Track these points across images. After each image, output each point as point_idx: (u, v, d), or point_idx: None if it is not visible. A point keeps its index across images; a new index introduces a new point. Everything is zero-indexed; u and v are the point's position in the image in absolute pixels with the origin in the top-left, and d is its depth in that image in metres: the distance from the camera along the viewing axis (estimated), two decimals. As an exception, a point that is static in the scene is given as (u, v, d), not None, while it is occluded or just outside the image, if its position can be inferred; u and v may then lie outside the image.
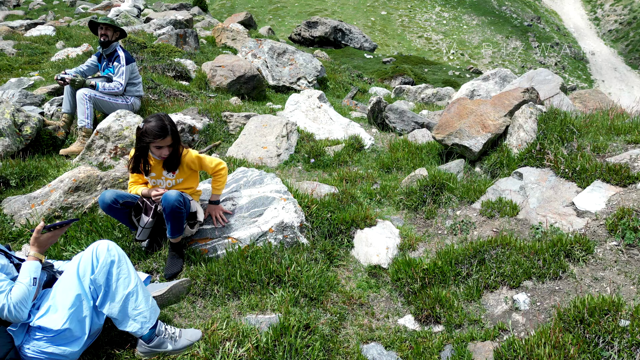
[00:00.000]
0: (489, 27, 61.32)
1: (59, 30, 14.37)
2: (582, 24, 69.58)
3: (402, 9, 65.92)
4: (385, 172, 5.35)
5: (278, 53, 9.38)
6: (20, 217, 4.25)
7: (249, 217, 3.94)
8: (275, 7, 66.05)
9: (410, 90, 10.60)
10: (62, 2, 28.12)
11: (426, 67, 39.30)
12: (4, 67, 10.11)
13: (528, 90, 4.80)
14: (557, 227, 3.52)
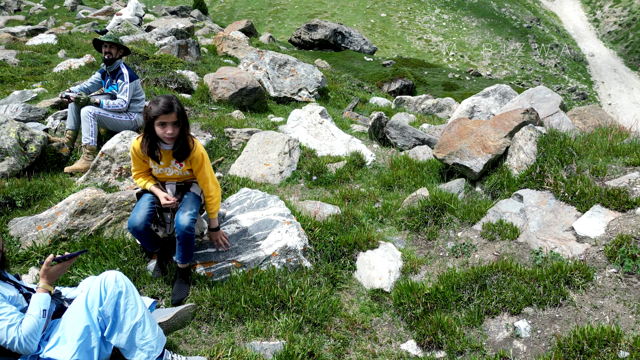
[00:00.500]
0: (489, 29, 61.39)
1: (60, 38, 14.44)
2: (581, 25, 69.64)
3: (401, 11, 66.01)
4: (386, 189, 5.41)
5: (279, 64, 9.44)
6: (27, 239, 4.31)
7: (252, 241, 4.00)
8: (275, 9, 66.18)
9: (411, 101, 10.67)
10: (63, 7, 28.19)
11: (426, 69, 39.37)
12: (7, 78, 10.17)
13: (528, 111, 4.86)
14: (557, 252, 3.57)
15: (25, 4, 30.41)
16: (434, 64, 46.50)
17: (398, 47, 56.24)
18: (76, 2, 27.96)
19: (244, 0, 70.33)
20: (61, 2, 29.79)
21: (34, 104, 8.08)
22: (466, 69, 47.41)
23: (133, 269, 3.98)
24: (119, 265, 3.97)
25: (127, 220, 4.41)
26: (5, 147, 5.43)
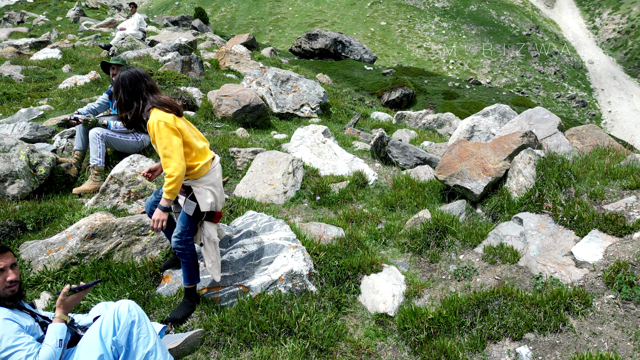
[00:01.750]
0: (488, 37, 61.78)
1: (64, 53, 14.63)
2: (580, 33, 70.02)
3: (401, 19, 66.48)
4: (389, 210, 5.51)
5: (282, 80, 9.59)
6: (38, 264, 4.40)
7: (259, 265, 4.10)
8: (276, 18, 66.66)
9: (412, 116, 10.81)
10: (66, 19, 28.41)
11: (426, 78, 39.59)
12: (14, 95, 10.32)
13: (527, 134, 4.97)
14: (556, 277, 3.67)
15: (28, 15, 30.64)
16: (433, 72, 46.77)
17: (398, 56, 56.58)
18: (79, 13, 28.20)
19: (245, 10, 70.88)
20: (64, 14, 30.03)
21: (40, 122, 8.22)
22: (466, 77, 47.66)
23: (142, 293, 4.08)
24: (129, 289, 4.07)
25: (136, 244, 4.52)
26: (16, 170, 5.54)
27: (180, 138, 3.37)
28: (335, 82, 16.87)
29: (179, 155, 3.30)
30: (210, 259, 3.77)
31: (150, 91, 3.50)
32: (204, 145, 3.63)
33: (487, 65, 55.85)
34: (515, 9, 71.57)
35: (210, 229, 3.71)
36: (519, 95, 40.48)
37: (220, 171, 3.76)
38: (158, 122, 3.29)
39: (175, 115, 3.45)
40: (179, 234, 3.67)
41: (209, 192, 3.58)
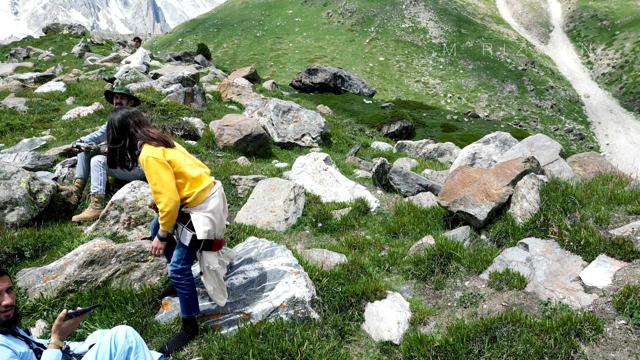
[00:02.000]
0: (485, 72, 62.98)
1: (69, 85, 14.84)
2: (575, 68, 71.44)
3: (399, 54, 67.97)
4: (392, 237, 5.45)
5: (283, 111, 9.69)
6: (34, 291, 4.31)
7: (260, 292, 4.01)
8: (277, 54, 68.14)
9: (412, 146, 10.87)
10: (71, 54, 28.97)
11: (424, 111, 40.14)
12: (17, 126, 10.40)
13: (529, 159, 4.98)
14: (565, 303, 3.58)
15: (34, 51, 31.26)
16: (432, 105, 47.45)
17: (396, 90, 57.50)
18: (84, 49, 28.78)
19: (247, 46, 72.57)
20: (69, 50, 30.65)
21: (42, 152, 8.23)
22: (464, 110, 48.33)
23: (140, 321, 3.97)
24: (127, 317, 3.97)
25: (135, 270, 4.44)
26: (16, 197, 5.51)
27: (171, 171, 3.39)
28: (335, 114, 17.07)
29: (169, 189, 3.33)
30: (212, 287, 3.70)
31: (138, 125, 3.56)
32: (200, 172, 3.58)
33: (484, 99, 56.69)
34: (511, 45, 73.26)
35: (210, 257, 3.63)
36: (517, 128, 40.92)
37: (220, 197, 3.67)
38: (147, 158, 3.33)
39: (164, 147, 3.47)
40: (174, 262, 3.61)
41: (207, 220, 3.51)
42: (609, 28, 75.10)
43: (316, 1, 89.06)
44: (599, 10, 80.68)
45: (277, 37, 75.33)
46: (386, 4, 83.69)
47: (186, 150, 3.76)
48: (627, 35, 69.55)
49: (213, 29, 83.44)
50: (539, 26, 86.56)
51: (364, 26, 77.62)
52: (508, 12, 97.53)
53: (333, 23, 79.75)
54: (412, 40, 72.98)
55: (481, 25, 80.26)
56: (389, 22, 78.41)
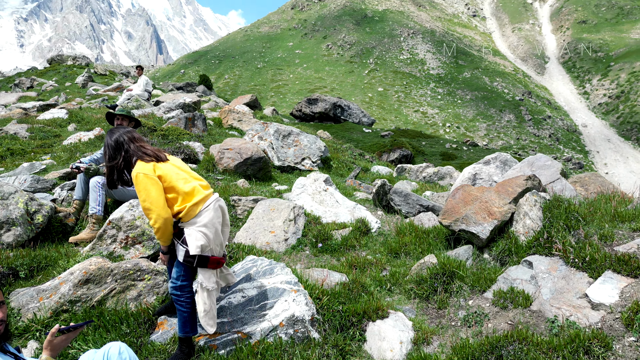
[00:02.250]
0: (483, 102, 63.78)
1: (71, 113, 14.95)
2: (571, 98, 72.41)
3: (397, 85, 69.02)
4: (393, 257, 5.37)
5: (283, 135, 9.73)
6: (28, 311, 4.21)
7: (259, 310, 3.91)
8: (277, 85, 69.18)
9: (412, 170, 10.88)
10: (74, 84, 29.35)
11: (423, 140, 40.42)
12: (18, 151, 10.42)
13: (530, 177, 4.95)
14: (573, 320, 3.48)
15: (38, 81, 31.66)
16: (431, 134, 47.84)
17: (395, 119, 58.09)
18: (87, 79, 29.18)
19: (248, 77, 73.77)
20: (73, 80, 31.06)
21: (42, 175, 8.21)
22: (463, 139, 48.69)
23: (135, 341, 3.86)
24: (121, 337, 3.85)
25: (131, 289, 4.34)
26: (13, 217, 5.45)
27: (160, 187, 3.36)
28: (335, 140, 17.15)
29: (157, 206, 3.30)
30: (203, 308, 3.50)
31: (132, 141, 3.58)
32: (193, 186, 3.49)
33: (483, 129, 57.19)
34: (507, 76, 74.48)
35: (204, 275, 3.49)
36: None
37: (216, 211, 3.54)
38: (137, 175, 3.34)
39: (156, 162, 3.46)
40: (174, 278, 3.54)
41: (200, 234, 3.40)
42: (603, 59, 76.54)
43: (316, 34, 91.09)
44: (593, 42, 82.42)
45: (278, 69, 76.66)
46: (384, 37, 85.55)
47: (182, 163, 3.72)
48: (622, 67, 70.81)
49: (215, 60, 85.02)
50: (535, 58, 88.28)
51: (362, 58, 79.12)
52: (504, 44, 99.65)
53: (332, 55, 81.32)
54: (411, 71, 74.26)
55: (478, 57, 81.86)
56: (387, 53, 79.97)
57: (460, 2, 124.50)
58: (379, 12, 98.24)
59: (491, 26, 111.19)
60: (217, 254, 3.55)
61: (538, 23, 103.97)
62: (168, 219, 3.33)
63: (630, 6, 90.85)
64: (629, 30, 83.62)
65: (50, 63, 41.72)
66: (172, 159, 3.66)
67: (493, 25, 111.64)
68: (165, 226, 3.33)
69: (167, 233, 3.39)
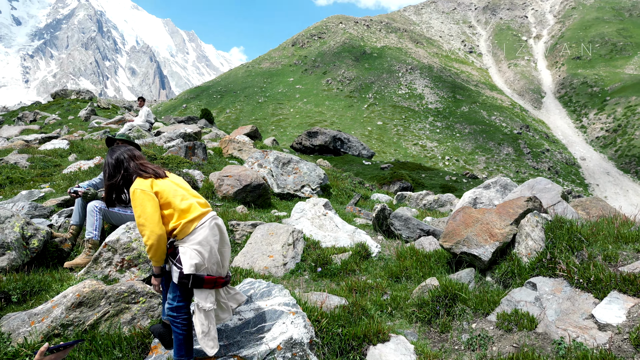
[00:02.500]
0: (481, 135, 64.31)
1: (72, 143, 15.03)
2: (569, 131, 73.12)
3: (397, 119, 69.80)
4: (394, 281, 5.26)
5: (283, 163, 9.75)
6: (18, 336, 4.08)
7: (256, 333, 3.79)
8: (278, 119, 69.98)
9: (412, 197, 10.83)
10: (77, 118, 29.66)
11: (423, 172, 40.53)
12: (17, 179, 10.41)
13: (531, 199, 4.92)
14: (580, 342, 3.37)
15: (41, 115, 32.00)
16: (430, 167, 48.02)
17: (395, 152, 58.42)
18: (90, 113, 29.52)
19: (249, 111, 74.74)
20: (75, 113, 31.40)
21: (40, 203, 8.16)
22: (462, 172, 48.83)
23: (128, 366, 3.72)
24: (115, 362, 3.73)
25: (125, 313, 4.23)
26: (8, 241, 5.38)
27: (156, 203, 3.33)
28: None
29: (151, 222, 3.26)
30: (201, 329, 3.38)
31: (132, 159, 3.58)
32: (190, 203, 3.44)
33: (482, 161, 57.44)
34: (505, 110, 75.44)
35: (200, 295, 3.37)
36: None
37: (212, 229, 3.45)
38: (134, 191, 3.33)
39: (154, 179, 3.44)
40: (170, 299, 3.45)
41: (194, 252, 3.32)
42: (599, 94, 77.74)
43: (316, 70, 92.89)
44: (589, 77, 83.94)
45: (279, 103, 77.75)
46: (383, 72, 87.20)
47: (182, 181, 3.69)
48: (618, 101, 71.84)
49: (217, 95, 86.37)
50: (531, 92, 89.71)
51: (362, 92, 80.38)
52: (500, 79, 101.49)
53: (332, 90, 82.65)
54: (409, 105, 75.27)
55: (475, 92, 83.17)
56: (386, 88, 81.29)
57: (457, 39, 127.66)
58: (377, 48, 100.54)
59: (487, 62, 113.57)
60: (213, 273, 3.45)
61: (533, 59, 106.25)
62: (162, 236, 3.27)
63: (623, 43, 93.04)
64: (623, 66, 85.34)
65: (54, 97, 42.27)
66: (172, 177, 3.64)
67: (489, 61, 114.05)
68: (158, 243, 3.26)
69: (160, 251, 3.32)
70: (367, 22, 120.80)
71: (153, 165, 3.59)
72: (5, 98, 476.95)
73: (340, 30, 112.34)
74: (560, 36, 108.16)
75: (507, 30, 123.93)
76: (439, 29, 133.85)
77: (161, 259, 3.37)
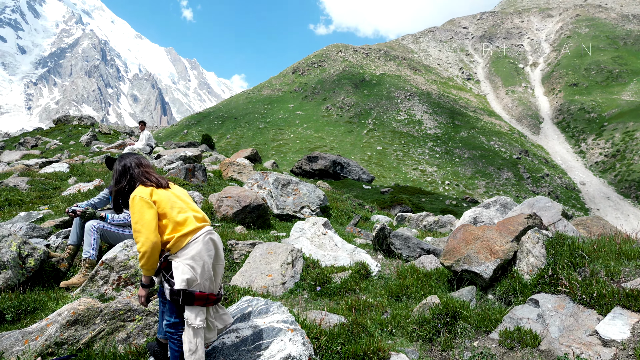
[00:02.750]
0: (480, 160, 64.55)
1: (72, 167, 15.07)
2: (568, 156, 73.42)
3: (396, 144, 70.18)
4: (394, 300, 5.19)
5: (282, 184, 9.75)
6: (11, 355, 4.00)
7: (253, 351, 3.71)
8: (278, 144, 70.38)
9: (412, 218, 10.79)
10: (79, 143, 29.81)
11: (423, 197, 40.50)
12: (16, 201, 10.38)
13: (531, 216, 4.89)
14: (584, 357, 3.30)
15: (42, 140, 32.16)
16: (430, 191, 48.01)
17: (395, 177, 58.50)
18: (91, 138, 29.69)
19: (249, 137, 75.23)
20: (77, 139, 31.57)
21: (38, 224, 8.13)
22: (462, 196, 48.79)
23: (122, 386, 3.63)
24: (108, 381, 3.64)
25: (120, 331, 4.15)
26: (4, 260, 5.33)
27: (154, 211, 3.33)
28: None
29: (148, 229, 3.25)
30: (188, 347, 3.28)
31: (138, 166, 3.61)
32: (187, 216, 3.41)
33: (482, 186, 57.47)
34: (504, 135, 75.94)
35: (191, 311, 3.30)
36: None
37: (206, 244, 3.39)
38: (134, 197, 3.35)
39: (155, 188, 3.45)
40: (167, 315, 3.41)
41: (186, 268, 3.27)
42: (597, 120, 78.40)
43: (316, 96, 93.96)
44: (586, 103, 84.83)
45: (279, 129, 78.35)
46: (382, 99, 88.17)
47: (184, 193, 3.68)
48: (616, 126, 72.40)
49: (218, 121, 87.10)
50: (529, 118, 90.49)
51: (361, 118, 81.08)
52: (498, 105, 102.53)
53: (332, 116, 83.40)
54: (408, 131, 75.82)
55: (474, 117, 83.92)
56: (385, 114, 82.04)
57: (455, 66, 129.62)
58: (376, 76, 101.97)
59: (485, 89, 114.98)
60: (206, 289, 3.38)
61: (530, 86, 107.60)
62: (156, 243, 3.25)
63: (619, 70, 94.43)
64: (619, 92, 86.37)
65: (56, 123, 42.54)
66: (175, 188, 3.65)
67: (487, 87, 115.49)
68: (152, 251, 3.24)
69: (152, 260, 3.28)
70: (366, 50, 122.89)
71: (157, 175, 3.61)
72: (8, 125, 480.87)
73: (339, 58, 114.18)
74: (556, 64, 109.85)
75: (504, 58, 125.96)
76: (436, 57, 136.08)
77: (152, 269, 3.34)
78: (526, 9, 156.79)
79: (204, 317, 3.38)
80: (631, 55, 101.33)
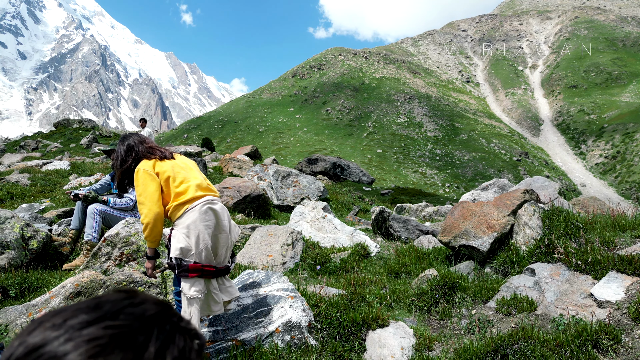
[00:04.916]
0: (481, 162, 64.59)
1: (73, 164, 15.18)
2: (568, 158, 73.46)
3: (396, 147, 70.25)
4: (393, 277, 5.25)
5: (283, 176, 9.82)
6: (16, 327, 4.06)
7: (254, 318, 3.77)
8: (278, 147, 70.46)
9: (412, 208, 10.84)
10: (79, 145, 29.90)
11: (423, 198, 40.45)
12: (17, 195, 10.46)
13: (528, 191, 4.96)
14: (579, 318, 3.36)
15: (43, 142, 32.25)
16: (431, 193, 48.03)
17: (395, 179, 58.50)
18: (92, 140, 29.77)
19: (249, 140, 75.29)
20: (77, 141, 31.66)
21: (40, 214, 8.20)
22: (463, 197, 48.69)
23: None
24: None
25: (123, 302, 4.21)
26: (7, 241, 5.40)
27: (157, 182, 3.36)
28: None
29: (151, 200, 3.28)
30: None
31: (141, 143, 3.64)
32: (188, 185, 3.42)
33: (482, 188, 57.39)
34: (504, 138, 76.02)
35: (186, 282, 3.29)
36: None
37: (203, 213, 3.35)
38: (137, 171, 3.39)
39: (158, 160, 3.50)
40: (176, 284, 3.47)
41: (182, 237, 3.28)
42: (596, 121, 78.51)
43: (316, 100, 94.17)
44: (585, 105, 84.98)
45: (279, 132, 78.48)
46: (382, 102, 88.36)
47: (190, 162, 3.72)
48: (616, 128, 72.48)
49: (218, 125, 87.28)
50: (529, 120, 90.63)
51: (361, 121, 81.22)
52: (498, 107, 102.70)
53: (332, 119, 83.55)
54: (408, 133, 75.93)
55: (474, 120, 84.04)
56: (385, 117, 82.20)
57: (454, 69, 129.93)
58: (376, 79, 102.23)
59: (485, 91, 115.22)
60: (202, 260, 3.33)
61: (530, 88, 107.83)
62: (159, 213, 3.28)
63: (618, 72, 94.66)
64: (619, 94, 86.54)
65: (56, 127, 42.63)
66: (180, 158, 3.65)
67: (487, 90, 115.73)
68: (155, 222, 3.26)
69: (156, 231, 3.31)
70: (365, 53, 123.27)
71: (161, 148, 3.65)
72: (8, 130, 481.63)
73: (339, 61, 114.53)
74: (555, 66, 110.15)
75: (503, 61, 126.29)
76: (436, 60, 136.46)
77: (156, 240, 3.37)
78: (525, 12, 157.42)
79: (199, 289, 3.31)
80: (630, 57, 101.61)
